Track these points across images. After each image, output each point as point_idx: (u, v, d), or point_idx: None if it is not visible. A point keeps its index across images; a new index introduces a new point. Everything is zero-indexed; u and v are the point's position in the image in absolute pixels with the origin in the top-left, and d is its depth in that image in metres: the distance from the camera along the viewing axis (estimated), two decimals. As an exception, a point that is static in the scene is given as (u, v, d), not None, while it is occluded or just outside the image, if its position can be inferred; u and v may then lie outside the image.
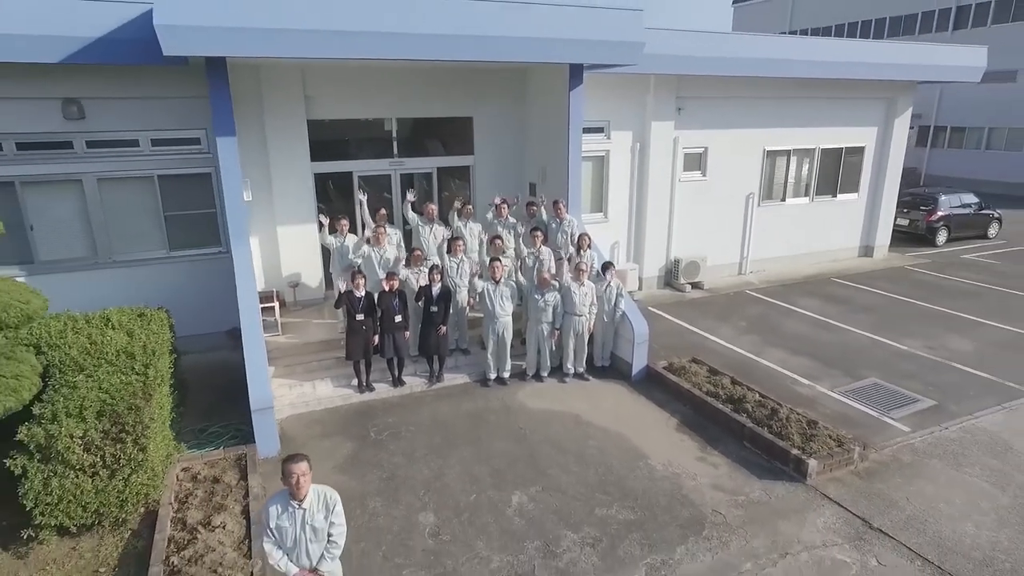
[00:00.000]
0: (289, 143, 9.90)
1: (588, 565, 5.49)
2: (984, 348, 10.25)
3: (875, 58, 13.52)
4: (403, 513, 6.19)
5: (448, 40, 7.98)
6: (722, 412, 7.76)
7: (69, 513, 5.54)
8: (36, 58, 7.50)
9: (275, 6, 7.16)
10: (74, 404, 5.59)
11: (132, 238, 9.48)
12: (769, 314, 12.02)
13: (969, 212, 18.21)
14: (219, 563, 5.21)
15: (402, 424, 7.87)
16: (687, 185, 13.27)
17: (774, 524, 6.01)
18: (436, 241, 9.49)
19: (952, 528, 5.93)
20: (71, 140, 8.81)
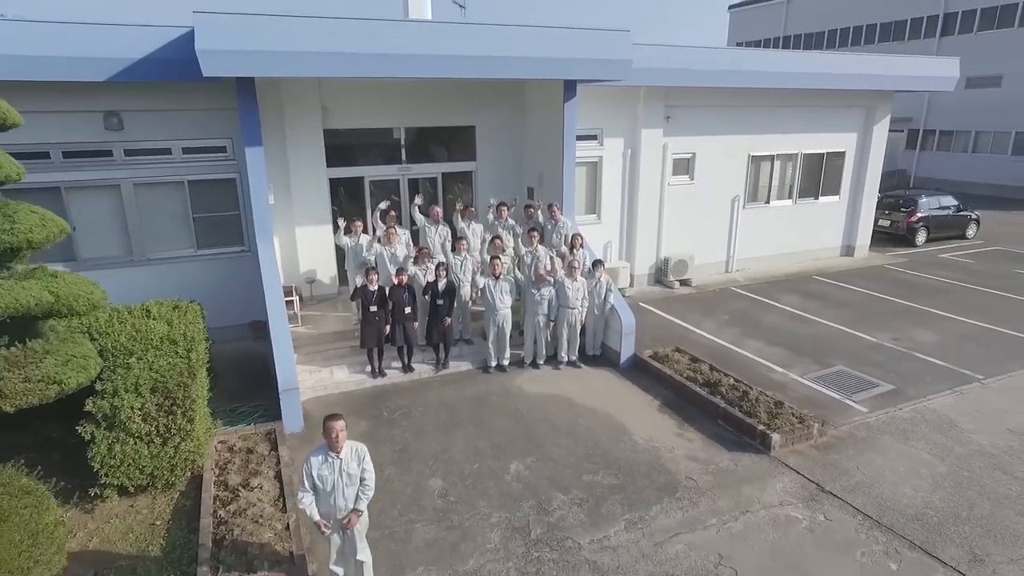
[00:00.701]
0: (307, 151, 10.79)
1: (575, 520, 6.37)
2: (946, 340, 11.12)
3: (853, 70, 14.41)
4: (414, 479, 7.07)
5: (453, 60, 8.87)
6: (699, 395, 8.65)
7: (128, 475, 6.43)
8: (85, 77, 8.39)
9: (298, 32, 8.05)
10: (131, 381, 6.48)
11: (164, 238, 10.37)
12: (751, 309, 12.90)
13: (948, 214, 19.09)
14: (259, 516, 6.09)
15: (412, 406, 8.76)
16: (676, 188, 14.15)
17: (739, 488, 6.90)
18: (441, 240, 10.38)
19: (893, 491, 6.81)
20: (111, 149, 9.70)
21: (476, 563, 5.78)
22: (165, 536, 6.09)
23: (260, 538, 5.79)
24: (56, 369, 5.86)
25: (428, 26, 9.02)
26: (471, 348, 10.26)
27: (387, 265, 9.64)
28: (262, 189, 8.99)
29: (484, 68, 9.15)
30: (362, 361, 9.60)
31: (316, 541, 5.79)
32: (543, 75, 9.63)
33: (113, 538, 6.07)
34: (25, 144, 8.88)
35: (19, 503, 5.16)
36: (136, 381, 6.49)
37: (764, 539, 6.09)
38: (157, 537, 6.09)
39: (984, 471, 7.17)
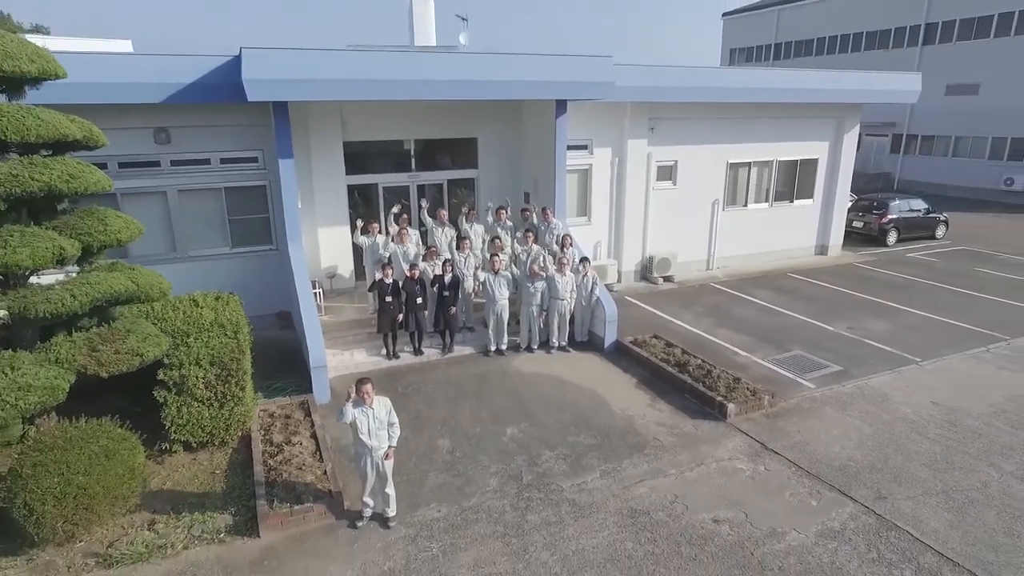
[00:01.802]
0: (328, 160, 12.19)
1: (559, 470, 7.76)
2: (896, 329, 12.50)
3: (822, 85, 15.80)
4: (426, 440, 8.45)
5: (458, 84, 10.26)
6: (670, 373, 10.03)
7: (192, 433, 7.82)
8: (144, 100, 9.78)
9: (327, 63, 9.45)
10: (193, 356, 7.86)
11: (202, 238, 11.77)
12: (726, 302, 14.27)
13: (918, 216, 20.45)
14: (302, 464, 7.48)
15: (422, 383, 10.15)
16: (660, 193, 15.52)
17: (697, 447, 8.28)
18: (447, 240, 11.78)
19: (824, 449, 8.19)
20: (159, 160, 11.10)
21: (478, 501, 7.16)
22: (224, 481, 7.48)
23: (303, 480, 7.18)
24: (138, 344, 7.24)
25: (437, 56, 10.43)
26: (473, 335, 11.65)
27: (400, 261, 11.03)
28: (293, 196, 10.39)
29: (485, 91, 10.55)
30: (378, 345, 11.00)
31: (348, 483, 7.18)
32: (537, 96, 11.04)
33: (182, 482, 7.46)
34: (88, 157, 10.26)
35: (120, 446, 6.55)
36: (197, 356, 7.87)
37: (712, 484, 7.47)
38: (218, 482, 7.48)
39: (903, 434, 8.55)
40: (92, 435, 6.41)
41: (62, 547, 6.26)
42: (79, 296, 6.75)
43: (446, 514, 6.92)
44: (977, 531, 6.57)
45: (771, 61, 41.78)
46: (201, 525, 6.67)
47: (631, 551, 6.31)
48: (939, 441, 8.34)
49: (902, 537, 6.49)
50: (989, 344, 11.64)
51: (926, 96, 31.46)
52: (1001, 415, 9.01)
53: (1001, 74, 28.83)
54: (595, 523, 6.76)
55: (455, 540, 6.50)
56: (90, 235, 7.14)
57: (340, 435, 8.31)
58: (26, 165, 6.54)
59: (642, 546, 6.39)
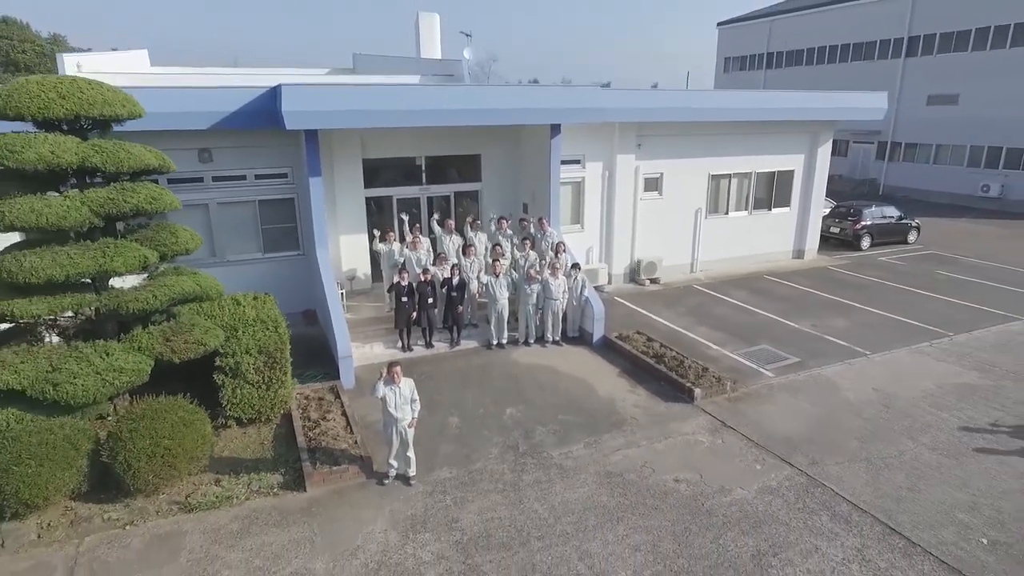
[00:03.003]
0: (349, 175, 13.73)
1: (550, 442, 9.29)
2: (853, 326, 14.01)
3: (795, 104, 17.33)
4: (439, 418, 9.99)
5: (464, 112, 11.82)
6: (649, 364, 11.57)
7: (243, 410, 9.36)
8: (193, 126, 11.34)
9: (352, 96, 11.02)
10: (244, 346, 9.40)
11: (238, 244, 13.31)
12: (706, 302, 15.80)
13: (891, 222, 21.95)
14: (336, 435, 9.03)
15: (433, 371, 11.68)
16: (647, 202, 17.05)
17: (667, 424, 9.81)
18: (455, 247, 13.32)
19: (774, 426, 9.72)
20: (202, 176, 12.65)
21: (481, 465, 8.71)
22: (272, 449, 9.03)
23: (338, 447, 8.73)
24: (201, 336, 8.81)
25: (445, 89, 11.98)
26: (477, 330, 13.19)
27: (414, 266, 12.57)
28: (321, 209, 11.94)
29: (487, 118, 12.11)
30: (394, 339, 12.55)
31: (375, 451, 8.73)
32: (532, 121, 12.58)
33: (237, 450, 9.01)
34: (143, 175, 11.83)
35: (194, 417, 8.10)
36: (247, 346, 9.40)
37: (677, 453, 9.01)
38: (266, 450, 9.02)
39: (843, 414, 10.08)
40: (172, 408, 7.96)
41: (150, 497, 7.81)
42: (159, 296, 8.33)
43: (456, 475, 8.47)
44: (886, 488, 8.10)
45: (764, 69, 43.29)
46: (258, 482, 8.22)
47: (605, 502, 7.86)
48: (871, 420, 9.88)
49: (825, 492, 8.03)
50: (933, 340, 13.16)
51: (909, 105, 33.18)
52: (928, 399, 10.55)
53: (978, 86, 30.33)
54: (577, 482, 8.30)
55: (464, 494, 8.04)
56: (165, 246, 8.71)
57: (366, 413, 9.87)
58: (119, 190, 8.11)
59: (614, 499, 7.93)
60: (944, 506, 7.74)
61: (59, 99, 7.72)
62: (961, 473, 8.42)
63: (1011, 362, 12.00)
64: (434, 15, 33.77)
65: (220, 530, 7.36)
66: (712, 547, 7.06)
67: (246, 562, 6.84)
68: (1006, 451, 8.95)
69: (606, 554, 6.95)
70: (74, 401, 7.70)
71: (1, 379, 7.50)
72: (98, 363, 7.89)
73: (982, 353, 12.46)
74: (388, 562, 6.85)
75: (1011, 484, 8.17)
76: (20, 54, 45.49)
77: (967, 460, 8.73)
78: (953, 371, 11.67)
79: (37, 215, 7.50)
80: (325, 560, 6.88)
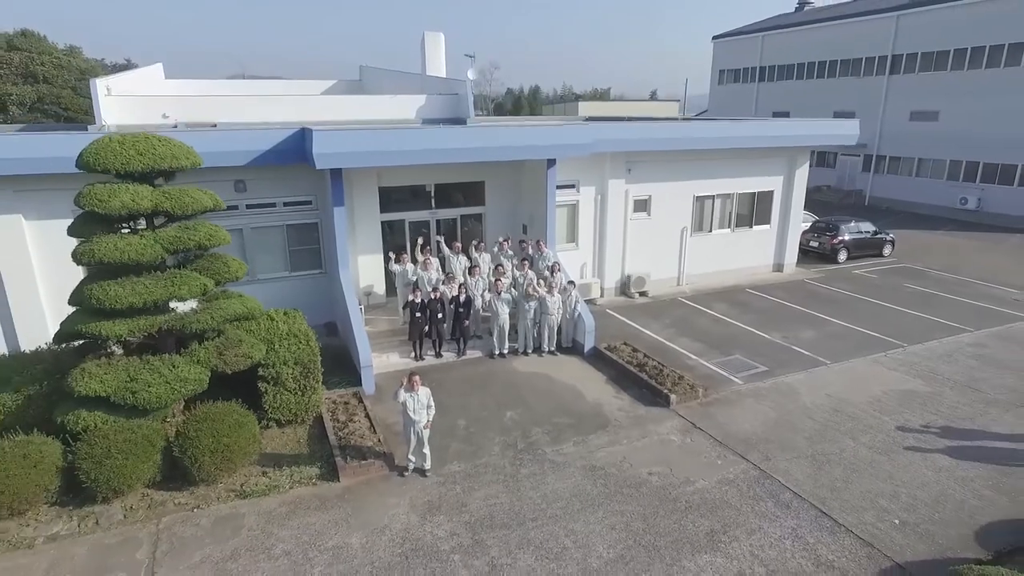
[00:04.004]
0: (367, 202, 15.33)
1: (544, 441, 10.86)
2: (820, 337, 15.57)
3: (773, 132, 18.88)
4: (448, 420, 11.56)
5: (471, 150, 13.41)
6: (632, 372, 13.15)
7: (282, 413, 10.96)
8: (231, 163, 12.94)
9: (373, 138, 12.60)
10: (282, 357, 10.99)
11: (268, 264, 14.90)
12: (689, 315, 17.37)
13: (866, 236, 23.49)
14: (362, 435, 10.62)
15: (443, 378, 13.25)
16: (636, 222, 18.62)
17: (645, 425, 11.39)
18: (462, 267, 14.91)
19: (737, 428, 11.29)
20: (237, 204, 14.24)
21: (486, 460, 10.29)
22: (308, 446, 10.62)
23: (365, 445, 10.32)
24: (249, 349, 10.39)
25: (453, 129, 13.56)
26: (481, 342, 14.77)
27: (425, 284, 14.16)
28: (344, 234, 13.53)
29: (491, 154, 13.71)
30: (407, 349, 14.14)
31: (395, 448, 10.31)
32: (530, 157, 14.18)
33: (278, 447, 10.59)
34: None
35: (246, 419, 9.69)
36: (285, 358, 11.00)
37: (652, 450, 10.59)
38: (303, 447, 10.61)
39: (797, 417, 11.65)
40: (229, 412, 9.56)
41: (211, 486, 9.41)
42: (215, 317, 9.93)
43: (464, 468, 10.06)
44: (824, 480, 9.68)
45: (757, 82, 44.83)
46: (299, 474, 9.81)
47: (589, 490, 9.44)
48: (821, 422, 11.45)
49: (773, 483, 9.60)
50: (888, 350, 14.72)
51: (893, 120, 34.80)
52: (874, 404, 12.11)
53: (957, 103, 31.87)
54: (566, 474, 9.88)
55: (471, 484, 9.63)
56: (219, 274, 10.30)
57: (385, 416, 11.46)
58: (184, 229, 9.71)
59: (597, 488, 9.51)
60: (870, 494, 9.31)
61: (137, 155, 9.31)
62: (889, 467, 10.00)
63: (953, 371, 13.56)
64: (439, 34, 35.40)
65: (271, 513, 8.96)
66: (675, 527, 8.64)
67: (295, 537, 8.44)
68: (931, 449, 10.52)
69: (587, 532, 8.53)
70: (149, 406, 9.29)
71: (89, 388, 9.09)
72: (167, 374, 9.48)
73: (929, 363, 14.02)
74: (410, 538, 8.44)
75: (929, 476, 9.74)
76: (39, 66, 47.01)
77: (897, 456, 10.30)
78: (900, 379, 13.23)
79: (120, 252, 9.10)
80: (359, 536, 8.47)
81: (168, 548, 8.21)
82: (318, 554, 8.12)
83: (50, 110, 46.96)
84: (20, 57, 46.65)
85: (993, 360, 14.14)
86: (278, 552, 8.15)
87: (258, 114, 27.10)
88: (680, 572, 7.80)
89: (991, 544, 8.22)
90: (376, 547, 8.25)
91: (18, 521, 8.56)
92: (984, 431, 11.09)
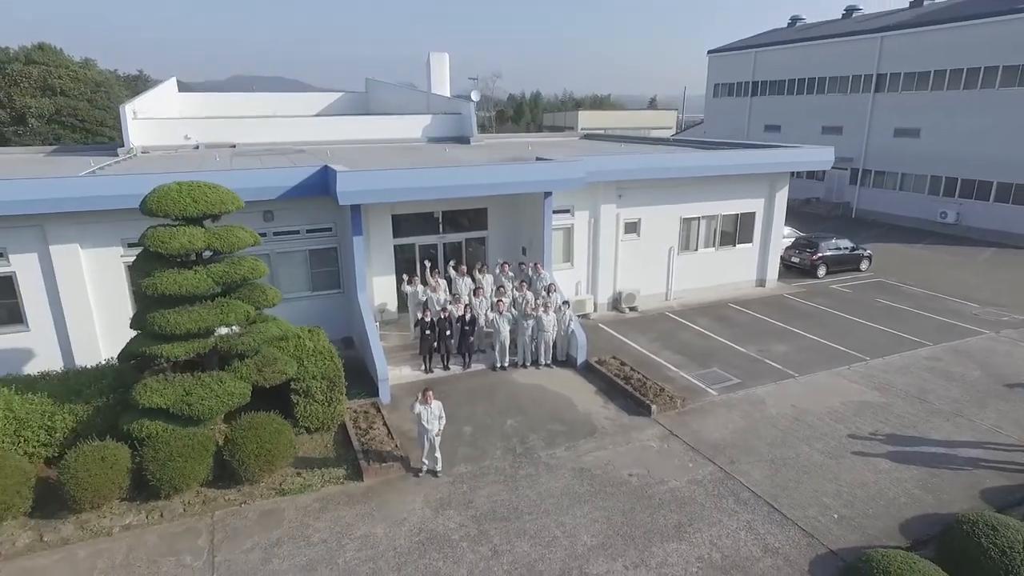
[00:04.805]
0: (381, 229, 16.95)
1: (539, 446, 12.46)
2: (792, 351, 17.16)
3: (753, 160, 20.49)
4: (456, 427, 13.14)
5: (476, 187, 15.05)
6: (619, 384, 14.75)
7: (312, 422, 12.57)
8: (261, 197, 14.58)
9: (389, 178, 14.25)
10: (311, 373, 12.60)
11: (292, 284, 16.52)
12: (674, 329, 18.97)
13: (845, 252, 25.08)
14: (382, 440, 12.24)
15: (450, 389, 14.85)
16: (627, 243, 20.22)
17: (628, 432, 12.99)
18: (467, 288, 16.53)
19: (709, 434, 12.89)
20: (266, 232, 15.85)
21: (489, 462, 11.90)
22: (334, 451, 12.23)
23: (384, 449, 11.94)
24: (283, 367, 12.02)
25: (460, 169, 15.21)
26: (485, 356, 16.39)
27: (434, 304, 15.78)
28: (363, 260, 15.16)
29: (493, 190, 15.39)
30: (418, 363, 15.75)
31: (411, 452, 11.92)
32: (528, 191, 15.84)
33: (308, 452, 12.21)
34: (222, 233, 15.05)
35: (283, 427, 11.30)
36: (313, 373, 12.61)
37: (633, 454, 12.19)
38: (330, 451, 12.23)
39: (763, 425, 13.25)
40: (269, 421, 11.18)
41: (254, 485, 11.02)
42: (257, 339, 11.56)
43: (471, 470, 11.67)
44: (779, 480, 11.28)
45: (750, 96, 46.41)
46: (328, 474, 11.42)
47: (577, 489, 11.05)
48: (783, 430, 13.05)
49: (735, 483, 11.21)
50: (852, 363, 16.32)
51: (878, 136, 36.46)
52: (832, 413, 13.71)
53: (937, 122, 33.47)
54: (558, 475, 11.49)
55: (476, 483, 11.24)
56: (259, 302, 11.92)
57: (401, 423, 13.07)
58: (231, 264, 11.35)
59: (584, 487, 11.12)
60: (816, 493, 10.91)
61: (192, 202, 10.94)
62: (836, 470, 11.60)
63: (906, 383, 15.16)
64: (444, 55, 37.13)
65: (307, 507, 10.58)
66: (648, 520, 10.25)
67: (329, 528, 10.05)
68: (875, 454, 12.12)
69: (575, 524, 10.14)
70: (202, 416, 10.93)
71: (152, 400, 10.73)
72: (216, 389, 11.11)
73: (887, 375, 15.62)
74: (425, 528, 10.06)
75: (869, 477, 11.35)
76: (56, 79, 48.69)
77: (844, 460, 11.91)
78: (859, 390, 14.83)
79: (179, 285, 10.72)
80: (383, 527, 10.09)
81: (223, 536, 9.84)
82: (349, 541, 9.74)
83: (67, 121, 48.67)
84: (39, 71, 48.30)
85: (943, 373, 15.74)
86: (315, 540, 9.77)
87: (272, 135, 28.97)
88: (650, 557, 9.41)
89: (911, 534, 9.82)
90: (397, 536, 9.87)
91: (96, 513, 10.18)
92: (924, 438, 12.69)
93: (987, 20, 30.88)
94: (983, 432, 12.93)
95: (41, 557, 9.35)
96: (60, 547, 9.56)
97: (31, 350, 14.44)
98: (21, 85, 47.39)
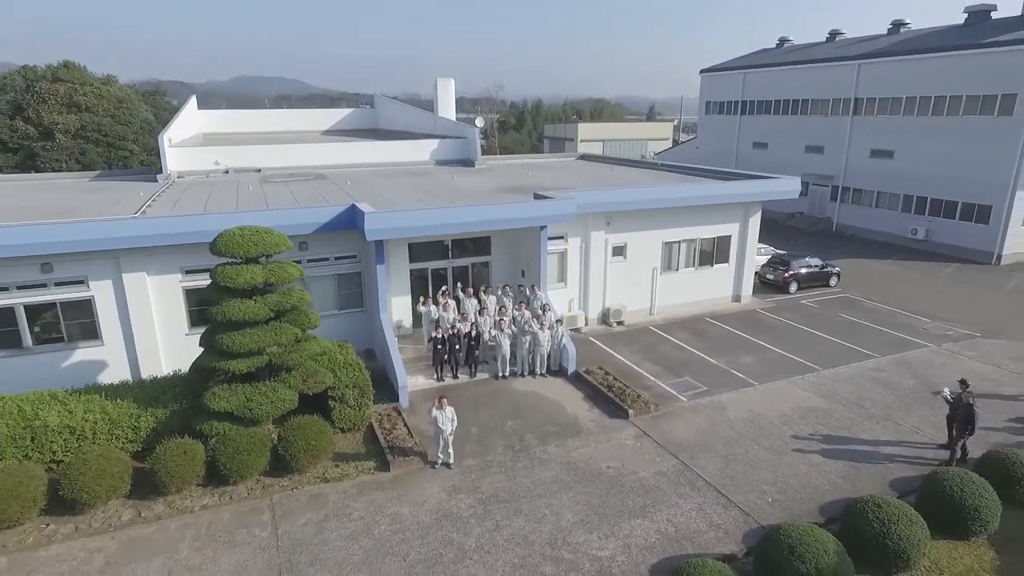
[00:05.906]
0: (399, 255, 19.54)
1: (535, 444, 15.01)
2: (756, 362, 19.69)
3: (727, 191, 23.07)
4: (464, 428, 15.68)
5: (483, 223, 17.64)
6: (602, 391, 17.30)
7: (344, 423, 15.15)
8: (299, 232, 17.17)
9: (408, 217, 16.84)
10: (344, 382, 15.17)
11: (322, 304, 19.07)
12: (655, 342, 21.51)
13: (815, 270, 27.60)
14: (403, 439, 14.80)
15: (459, 396, 17.39)
16: (614, 264, 22.77)
17: (609, 433, 15.54)
18: (473, 308, 19.11)
19: (679, 435, 15.42)
20: (300, 259, 18.42)
21: (492, 457, 14.46)
22: (364, 447, 14.79)
23: (406, 446, 14.51)
24: (323, 376, 14.60)
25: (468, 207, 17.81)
26: (488, 367, 18.96)
27: (445, 323, 18.36)
28: (385, 286, 17.75)
29: (497, 225, 17.97)
30: (431, 372, 18.32)
31: (428, 448, 14.48)
32: (526, 225, 18.43)
33: (343, 448, 14.76)
34: (265, 262, 17.66)
35: (325, 428, 13.86)
36: (346, 383, 15.18)
37: (611, 451, 14.74)
38: (360, 447, 14.79)
39: (721, 427, 15.78)
40: (314, 422, 13.76)
41: (302, 474, 13.59)
42: (303, 355, 14.15)
43: (477, 463, 14.23)
44: (729, 472, 13.82)
45: (739, 115, 48.91)
46: (361, 466, 13.99)
47: (564, 478, 13.61)
48: (738, 431, 15.59)
49: (692, 474, 13.75)
50: (806, 373, 18.84)
51: (856, 156, 39.12)
52: (781, 417, 16.25)
53: (909, 145, 35.97)
54: (550, 468, 14.04)
55: (482, 474, 13.80)
56: (303, 324, 14.49)
57: (418, 424, 15.63)
58: (283, 294, 13.93)
59: (569, 477, 13.67)
60: (757, 482, 13.45)
61: (253, 245, 13.52)
62: (777, 464, 14.14)
63: (849, 391, 17.69)
64: (450, 80, 39.77)
65: (346, 492, 13.16)
66: (620, 502, 12.80)
67: (365, 507, 12.63)
68: (811, 451, 14.65)
69: (560, 505, 12.69)
70: (260, 418, 13.52)
71: (220, 405, 13.32)
72: (271, 396, 13.69)
73: (834, 384, 18.16)
74: (442, 508, 12.62)
75: (802, 470, 13.88)
76: (81, 96, 51.38)
77: (785, 456, 14.45)
78: (808, 397, 17.37)
79: (242, 313, 13.31)
80: (408, 507, 12.65)
81: (282, 514, 12.42)
82: (381, 518, 12.31)
83: (91, 136, 51.40)
84: (64, 88, 51.00)
85: (883, 382, 18.28)
86: (355, 516, 12.34)
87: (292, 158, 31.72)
88: (619, 530, 11.96)
89: (827, 513, 12.36)
90: (419, 514, 12.43)
91: (180, 496, 12.77)
92: (854, 438, 15.23)
93: (952, 53, 33.40)
94: (905, 433, 15.47)
95: (143, 528, 11.95)
96: (155, 521, 12.16)
97: (104, 361, 17.05)
98: (49, 102, 50.12)
